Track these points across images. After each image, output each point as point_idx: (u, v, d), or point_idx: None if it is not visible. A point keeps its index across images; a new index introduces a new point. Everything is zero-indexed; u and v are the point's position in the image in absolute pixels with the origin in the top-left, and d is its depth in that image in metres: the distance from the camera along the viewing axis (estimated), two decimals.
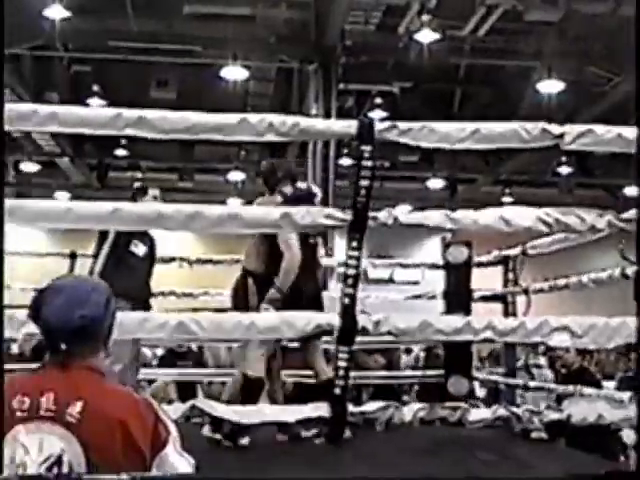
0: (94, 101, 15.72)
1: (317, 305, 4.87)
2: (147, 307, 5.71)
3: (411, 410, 3.97)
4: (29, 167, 19.90)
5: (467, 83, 17.37)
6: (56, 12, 13.10)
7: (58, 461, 2.10)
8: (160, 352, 11.06)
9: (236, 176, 20.71)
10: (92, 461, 2.11)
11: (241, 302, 4.94)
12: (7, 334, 3.61)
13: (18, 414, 2.15)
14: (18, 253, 6.79)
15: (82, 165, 20.46)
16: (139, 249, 5.74)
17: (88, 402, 2.17)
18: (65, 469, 2.11)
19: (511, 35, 14.61)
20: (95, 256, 5.58)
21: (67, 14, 13.14)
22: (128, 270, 5.56)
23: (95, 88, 16.22)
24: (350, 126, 3.89)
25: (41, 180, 20.66)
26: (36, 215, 3.65)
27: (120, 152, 19.46)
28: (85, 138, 17.30)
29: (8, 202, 3.59)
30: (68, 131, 3.82)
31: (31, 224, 3.67)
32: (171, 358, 9.02)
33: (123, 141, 18.61)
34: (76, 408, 2.15)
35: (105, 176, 21.03)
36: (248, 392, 4.74)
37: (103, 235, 5.52)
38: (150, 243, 5.88)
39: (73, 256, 7.16)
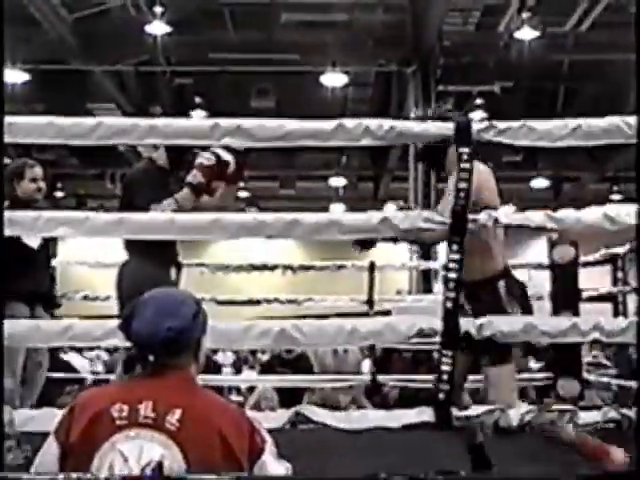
0: (197, 113, 16.02)
1: None
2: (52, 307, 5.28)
3: (518, 413, 3.86)
4: None
5: (571, 80, 16.96)
6: (157, 28, 13.49)
7: (159, 466, 2.12)
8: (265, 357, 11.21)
9: (337, 182, 20.78)
10: (192, 468, 2.13)
11: None
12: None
13: (118, 422, 2.18)
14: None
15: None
16: (32, 241, 4.92)
17: (186, 410, 2.19)
18: (166, 474, 2.13)
19: (616, 28, 14.24)
20: None
21: (168, 29, 13.49)
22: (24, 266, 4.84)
23: (197, 100, 16.54)
24: (447, 128, 3.84)
25: None
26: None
27: None
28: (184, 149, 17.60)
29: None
30: (168, 143, 3.88)
31: (136, 235, 3.73)
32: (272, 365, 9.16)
33: None
34: (175, 416, 2.18)
35: None
36: None
37: None
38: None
39: None
